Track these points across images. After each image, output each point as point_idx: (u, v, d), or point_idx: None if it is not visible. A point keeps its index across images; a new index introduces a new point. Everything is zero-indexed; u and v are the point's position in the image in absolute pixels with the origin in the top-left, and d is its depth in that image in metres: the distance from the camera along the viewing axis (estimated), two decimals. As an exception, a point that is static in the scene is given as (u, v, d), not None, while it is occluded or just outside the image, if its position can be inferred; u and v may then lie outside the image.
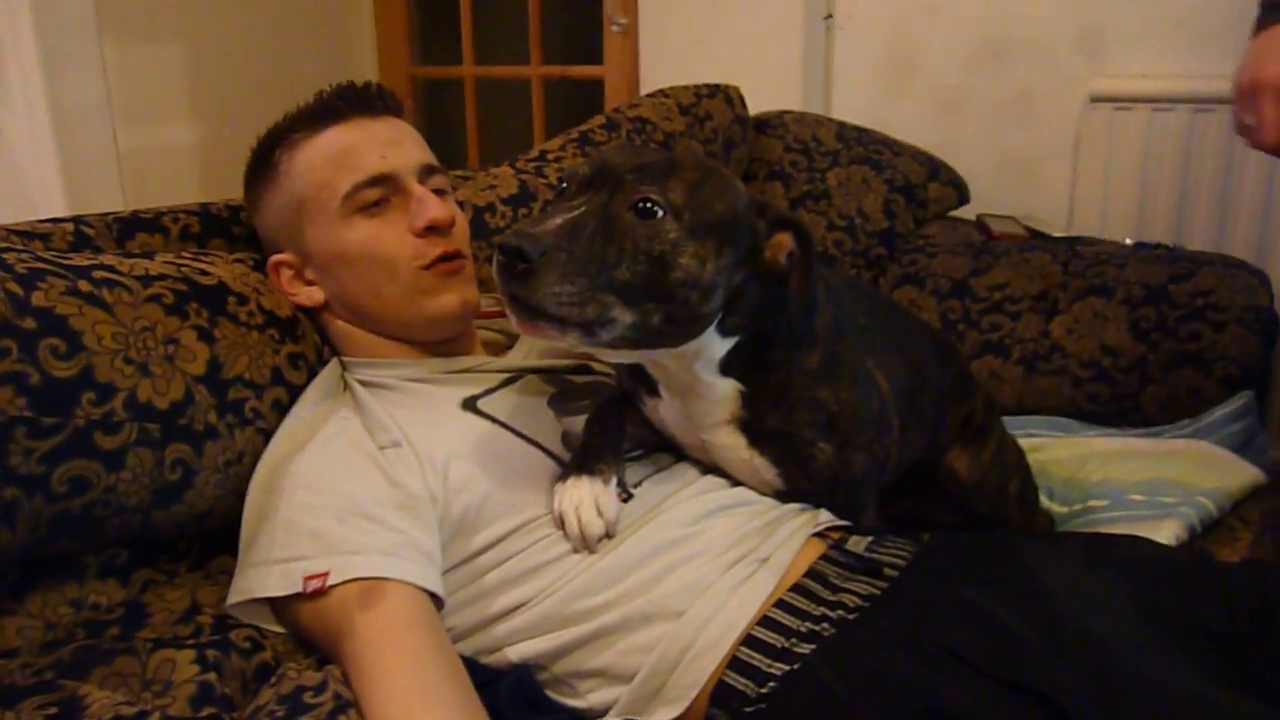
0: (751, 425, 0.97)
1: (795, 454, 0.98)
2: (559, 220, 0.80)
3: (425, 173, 1.09)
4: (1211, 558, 1.11)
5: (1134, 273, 1.59)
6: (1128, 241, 1.77)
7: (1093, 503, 1.30)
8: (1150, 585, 0.88)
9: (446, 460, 0.96)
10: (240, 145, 1.11)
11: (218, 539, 0.99)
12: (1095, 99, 1.95)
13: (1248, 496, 1.30)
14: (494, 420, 1.02)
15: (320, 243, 1.06)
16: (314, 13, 2.87)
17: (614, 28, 2.51)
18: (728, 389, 0.95)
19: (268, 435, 0.99)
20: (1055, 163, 2.06)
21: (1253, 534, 1.23)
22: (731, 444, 0.98)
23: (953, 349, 1.35)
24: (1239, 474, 1.33)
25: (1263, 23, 1.03)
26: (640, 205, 0.82)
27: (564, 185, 0.88)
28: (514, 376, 1.10)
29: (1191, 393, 1.49)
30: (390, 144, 1.07)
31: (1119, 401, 1.53)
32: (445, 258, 1.07)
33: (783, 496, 1.01)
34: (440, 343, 1.12)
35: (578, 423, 1.04)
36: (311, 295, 1.09)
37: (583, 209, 0.82)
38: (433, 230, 1.06)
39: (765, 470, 0.99)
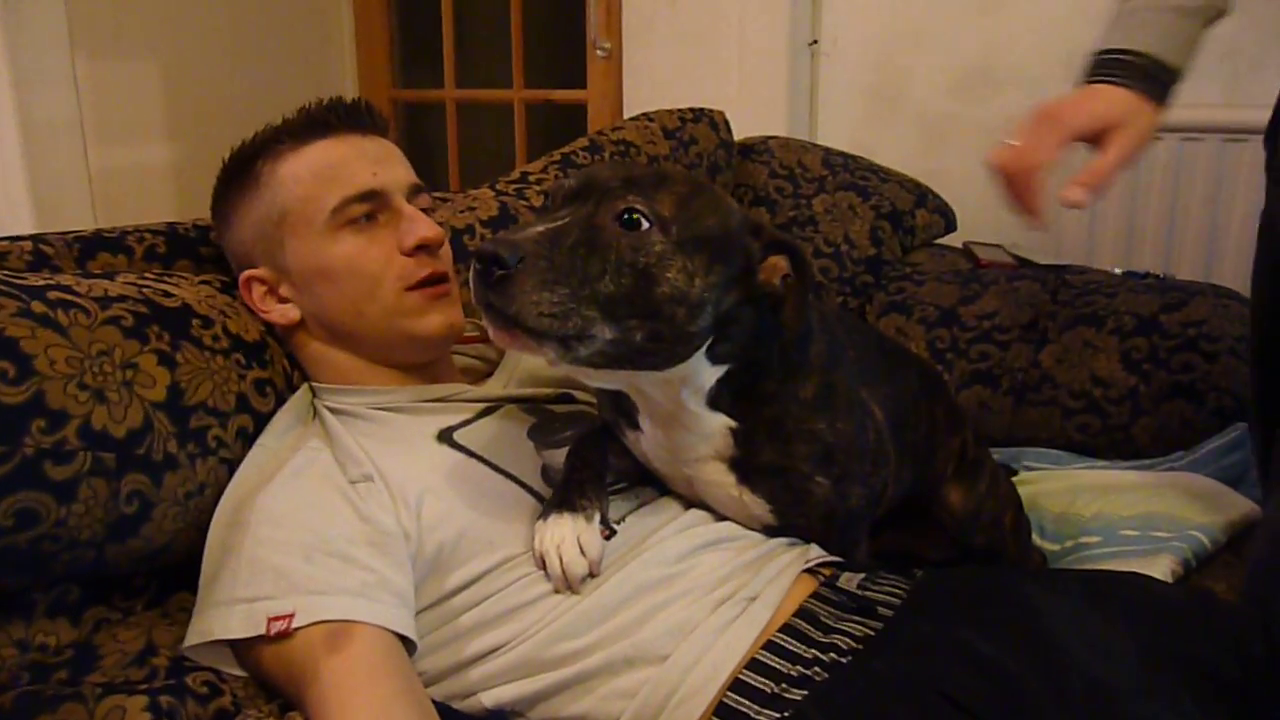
0: (742, 462, 0.93)
1: (791, 489, 0.94)
2: (540, 229, 0.76)
3: (413, 192, 1.06)
4: (1215, 597, 1.08)
5: (1124, 302, 1.56)
6: (1117, 270, 1.75)
7: (1085, 539, 1.27)
8: (1155, 627, 0.84)
9: (420, 495, 0.92)
10: (217, 167, 1.08)
11: (177, 575, 0.94)
12: (1082, 127, 1.94)
13: (1242, 530, 1.27)
14: (470, 453, 0.98)
15: (301, 257, 1.02)
16: (294, 34, 2.84)
17: (598, 52, 2.49)
18: (716, 424, 0.91)
19: (232, 466, 0.95)
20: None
21: (1247, 568, 1.20)
22: (719, 480, 0.94)
23: (940, 380, 1.32)
24: (1233, 507, 1.30)
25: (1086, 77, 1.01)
26: (625, 216, 0.79)
27: (548, 201, 0.84)
28: (493, 406, 1.05)
29: (1184, 424, 1.46)
30: (380, 161, 1.05)
31: (1110, 433, 1.50)
32: (433, 279, 1.04)
33: (773, 532, 0.97)
34: (418, 367, 1.08)
35: (558, 455, 1.00)
36: (286, 313, 1.05)
37: (566, 219, 0.78)
38: (422, 249, 1.03)
39: (756, 506, 0.95)
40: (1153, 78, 0.93)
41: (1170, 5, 0.95)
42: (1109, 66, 0.93)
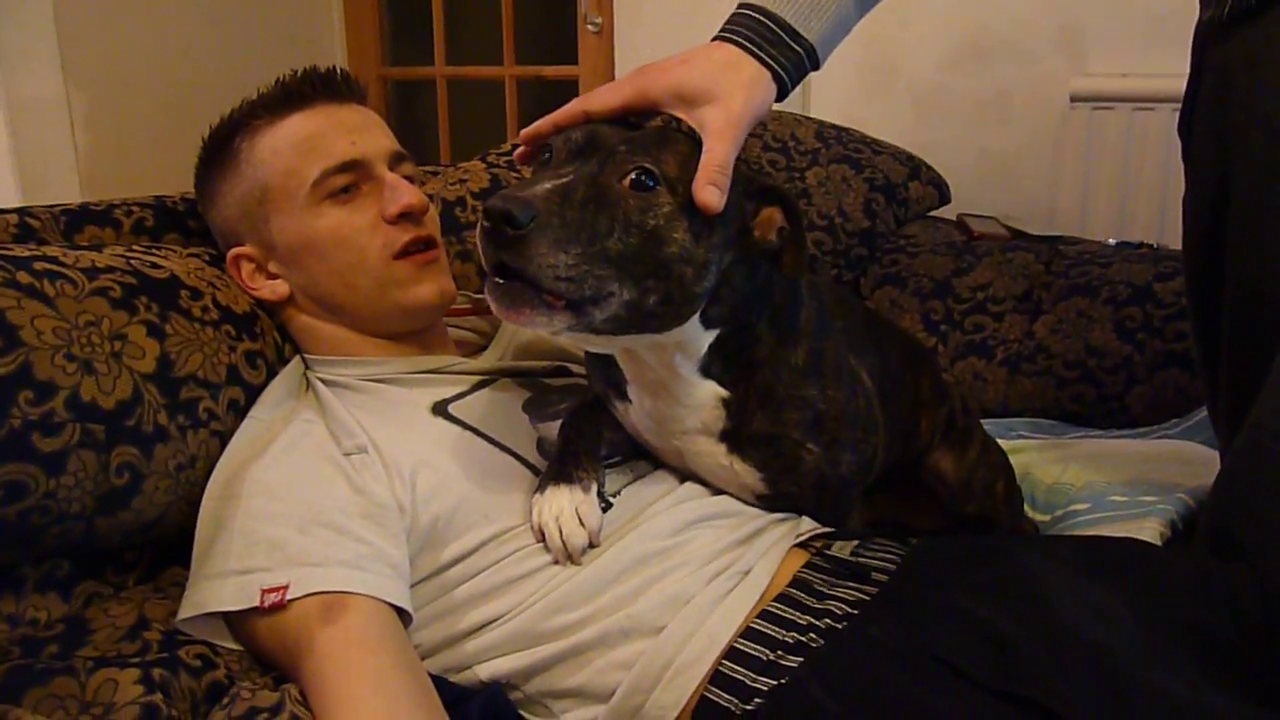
0: (732, 432, 0.92)
1: (782, 457, 0.93)
2: (549, 185, 0.74)
3: (395, 160, 1.05)
4: (1209, 559, 1.08)
5: (1118, 272, 1.56)
6: (1110, 241, 1.74)
7: (1074, 506, 1.27)
8: (1151, 591, 0.84)
9: (415, 468, 0.91)
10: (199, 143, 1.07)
11: (169, 549, 0.93)
12: (1075, 99, 1.94)
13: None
14: (465, 426, 0.97)
15: (287, 232, 1.01)
16: (282, 12, 2.82)
17: (589, 27, 2.47)
18: (707, 393, 0.90)
19: (223, 438, 0.94)
20: (1035, 162, 2.04)
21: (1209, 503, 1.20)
22: (709, 450, 0.94)
23: (926, 351, 1.31)
24: (1226, 475, 1.30)
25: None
26: (636, 177, 0.77)
27: (547, 155, 0.82)
28: (487, 379, 1.05)
29: (1179, 393, 1.46)
30: (358, 130, 1.03)
31: (1105, 403, 1.50)
32: (419, 245, 1.03)
33: (765, 502, 0.97)
34: (411, 337, 1.07)
35: (553, 428, 0.99)
36: (275, 289, 1.04)
37: (571, 177, 0.76)
38: (406, 217, 1.02)
39: (747, 475, 0.94)
40: (775, 42, 0.85)
41: None
42: (733, 23, 0.86)
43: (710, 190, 0.77)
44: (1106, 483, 1.29)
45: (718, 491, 0.97)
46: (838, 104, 2.19)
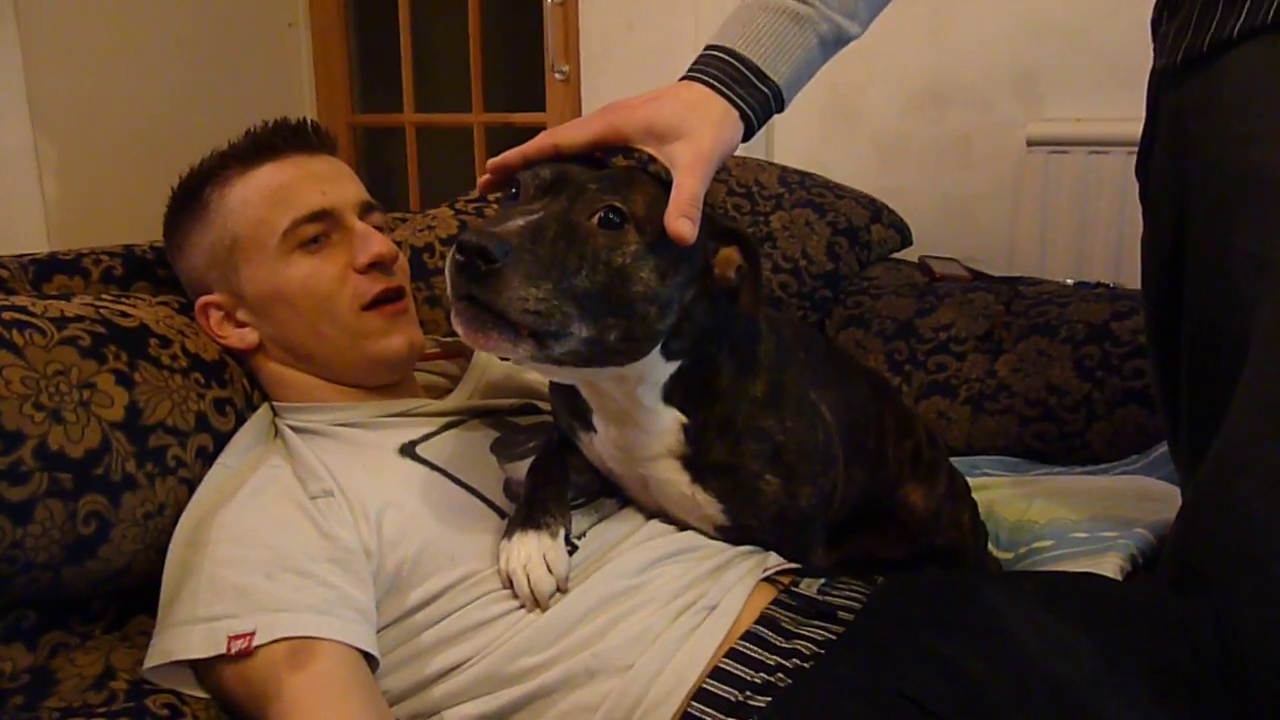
0: (694, 460, 0.93)
1: (741, 488, 0.94)
2: (520, 222, 0.76)
3: (364, 209, 1.06)
4: (1167, 593, 1.10)
5: (1076, 311, 1.59)
6: (1068, 281, 1.78)
7: (1037, 544, 1.29)
8: (1111, 625, 0.86)
9: (381, 510, 0.91)
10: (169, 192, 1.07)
11: (136, 598, 0.93)
12: (1032, 143, 1.98)
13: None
14: (433, 467, 0.98)
15: (256, 282, 1.01)
16: (252, 61, 2.84)
17: (556, 75, 2.51)
18: (669, 420, 0.91)
19: (192, 485, 0.94)
20: (995, 205, 2.09)
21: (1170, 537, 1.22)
22: (672, 479, 0.94)
23: (889, 386, 1.34)
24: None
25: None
26: (604, 215, 0.79)
27: (514, 190, 0.84)
28: (455, 420, 1.05)
29: (1138, 429, 1.49)
30: (329, 180, 1.05)
31: (1066, 440, 1.53)
32: (389, 295, 1.04)
33: (728, 535, 0.98)
34: (381, 385, 1.07)
35: (520, 469, 1.00)
36: (244, 337, 1.04)
37: (541, 214, 0.78)
38: (376, 266, 1.03)
39: (709, 506, 0.95)
40: (743, 82, 0.88)
41: (781, 7, 0.91)
42: (701, 64, 0.89)
43: (683, 222, 0.79)
44: (1069, 519, 1.31)
45: (684, 527, 0.98)
46: (801, 149, 2.23)
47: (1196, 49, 0.92)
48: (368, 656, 0.84)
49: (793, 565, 0.97)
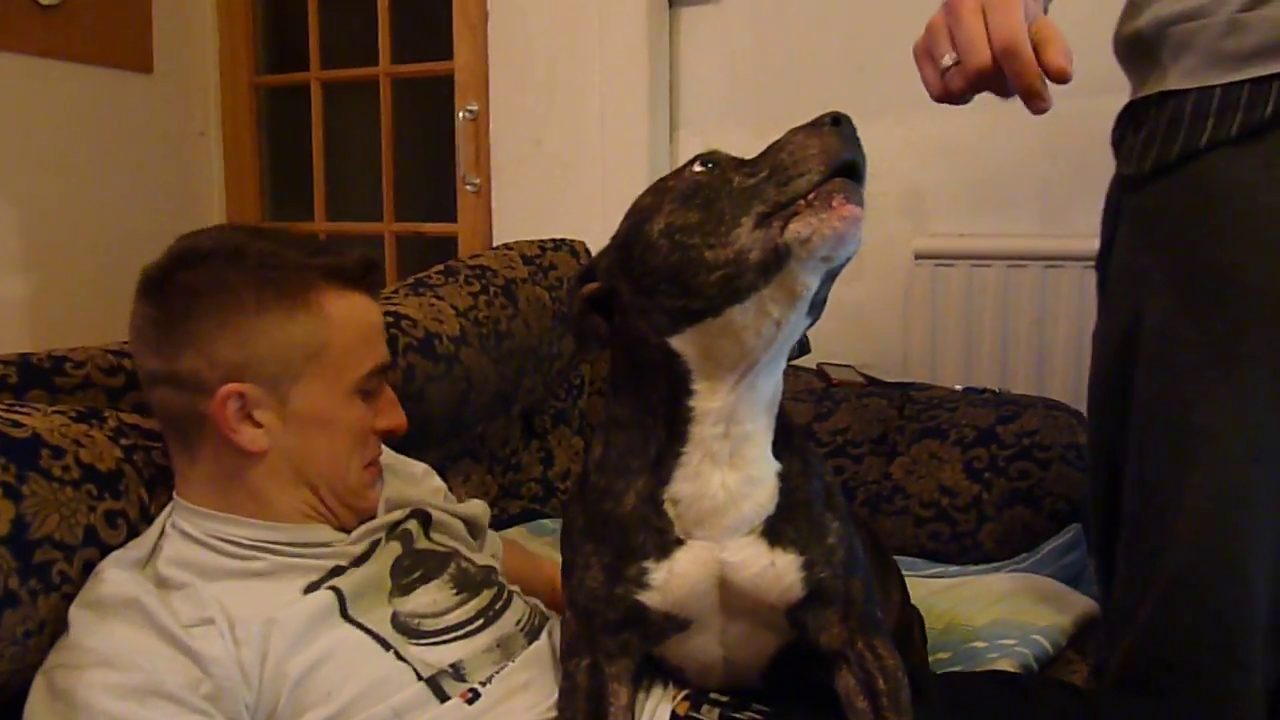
0: (774, 520, 0.83)
1: (815, 527, 0.85)
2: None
3: (386, 370, 1.09)
4: (1066, 684, 1.15)
5: (964, 415, 1.67)
6: (957, 387, 1.87)
7: (939, 655, 1.32)
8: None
9: (265, 641, 0.90)
10: (75, 299, 1.06)
11: (11, 717, 0.89)
12: (919, 256, 2.09)
13: (1084, 627, 1.35)
14: (322, 600, 0.95)
15: (314, 399, 0.99)
16: (162, 167, 2.84)
17: (467, 187, 2.57)
18: (770, 468, 0.83)
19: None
20: (887, 314, 2.18)
21: (1089, 665, 1.27)
22: (752, 554, 0.83)
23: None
24: (1074, 606, 1.38)
25: None
26: None
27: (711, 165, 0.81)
28: (371, 548, 1.03)
29: (1025, 528, 1.55)
30: (383, 335, 1.08)
31: (960, 540, 1.58)
32: (375, 460, 1.07)
33: (798, 613, 0.86)
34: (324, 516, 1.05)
35: (410, 601, 0.99)
36: (256, 440, 0.97)
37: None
38: (389, 434, 1.07)
39: (789, 570, 0.83)
40: None
41: None
42: None
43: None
44: (968, 627, 1.35)
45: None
46: (705, 260, 2.31)
47: (1165, 158, 1.00)
48: None
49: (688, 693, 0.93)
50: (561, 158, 2.36)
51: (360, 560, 1.01)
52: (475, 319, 1.54)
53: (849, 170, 0.73)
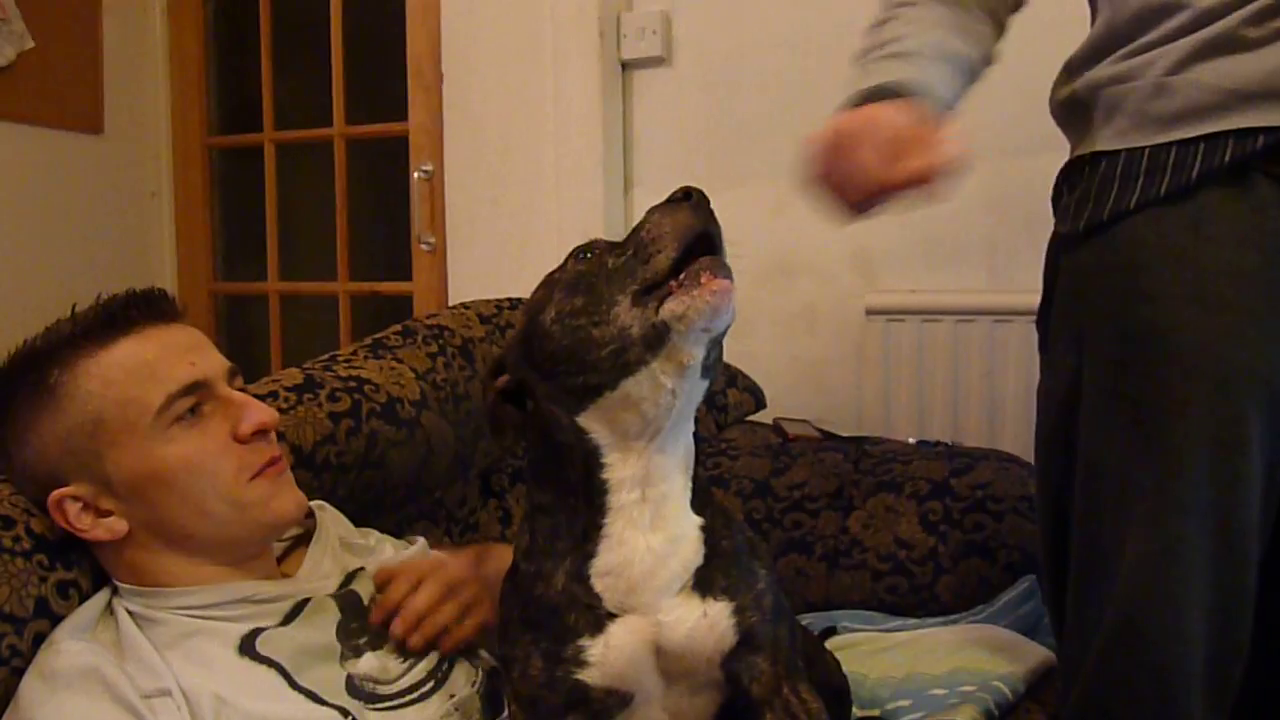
0: (703, 571, 0.87)
1: (743, 573, 0.88)
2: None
3: (231, 375, 1.04)
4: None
5: (918, 469, 1.69)
6: (911, 440, 1.89)
7: (900, 702, 1.32)
8: None
9: (216, 712, 0.89)
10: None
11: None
12: (870, 311, 2.13)
13: (1040, 677, 1.36)
14: (271, 664, 0.94)
15: (127, 466, 0.95)
16: (113, 227, 2.81)
17: (423, 246, 2.57)
18: (692, 524, 0.87)
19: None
20: (840, 369, 2.21)
21: (1046, 714, 1.28)
22: (686, 610, 0.86)
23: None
24: (1031, 655, 1.39)
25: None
26: None
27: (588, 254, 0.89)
28: (299, 604, 1.02)
29: (981, 580, 1.57)
30: (194, 350, 1.01)
31: (917, 592, 1.60)
32: (272, 462, 1.02)
33: (730, 663, 0.88)
34: (246, 560, 1.03)
35: (363, 663, 0.98)
36: (112, 528, 0.96)
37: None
38: (259, 434, 1.01)
39: (722, 617, 0.86)
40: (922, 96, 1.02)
41: (943, 52, 1.07)
42: (877, 95, 1.03)
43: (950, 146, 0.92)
44: (928, 674, 1.35)
45: None
46: (660, 317, 2.33)
47: (1098, 217, 1.03)
48: None
49: None
50: (517, 217, 2.38)
51: (288, 620, 0.99)
52: (434, 381, 1.53)
53: (705, 240, 0.81)
